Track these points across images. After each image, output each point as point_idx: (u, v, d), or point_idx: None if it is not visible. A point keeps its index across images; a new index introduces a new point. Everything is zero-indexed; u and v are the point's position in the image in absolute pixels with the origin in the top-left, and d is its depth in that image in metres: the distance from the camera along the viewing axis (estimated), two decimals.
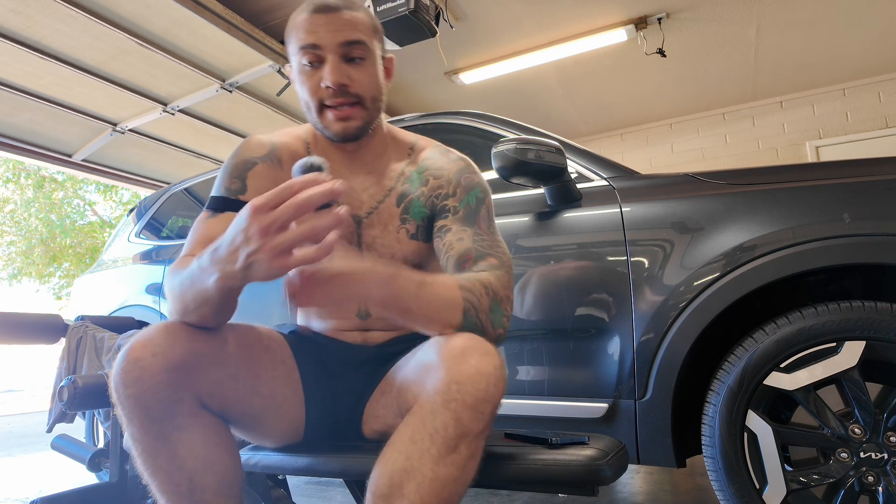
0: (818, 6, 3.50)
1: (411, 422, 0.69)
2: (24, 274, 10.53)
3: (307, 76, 0.88)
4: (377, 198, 0.96)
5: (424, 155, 1.01)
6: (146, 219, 2.77)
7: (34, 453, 3.32)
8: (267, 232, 0.58)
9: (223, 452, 0.75)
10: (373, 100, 0.90)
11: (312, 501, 2.01)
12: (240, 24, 3.19)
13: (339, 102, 0.87)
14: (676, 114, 5.15)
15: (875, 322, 1.11)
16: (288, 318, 1.87)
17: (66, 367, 1.85)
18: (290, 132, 1.01)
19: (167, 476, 0.71)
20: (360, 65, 0.88)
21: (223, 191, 0.89)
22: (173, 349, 0.70)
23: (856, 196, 1.20)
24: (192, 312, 0.72)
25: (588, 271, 1.39)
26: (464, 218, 0.92)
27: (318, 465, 0.87)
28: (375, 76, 0.90)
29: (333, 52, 0.86)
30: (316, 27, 0.85)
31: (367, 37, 0.88)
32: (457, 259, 0.87)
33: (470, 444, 0.67)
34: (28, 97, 3.58)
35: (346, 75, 0.86)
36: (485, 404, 0.66)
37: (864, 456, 1.11)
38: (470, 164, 1.00)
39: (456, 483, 0.67)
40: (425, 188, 0.96)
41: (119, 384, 0.69)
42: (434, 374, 0.69)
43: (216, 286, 0.65)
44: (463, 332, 0.74)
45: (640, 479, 2.19)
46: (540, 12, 3.46)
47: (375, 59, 0.91)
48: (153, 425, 0.70)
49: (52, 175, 10.29)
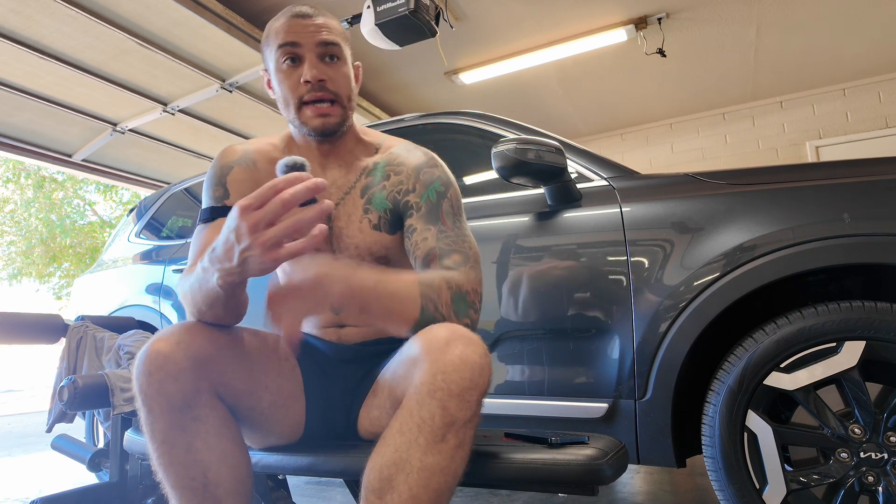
0: (818, 6, 3.50)
1: (400, 415, 0.70)
2: (24, 274, 10.54)
3: (286, 74, 0.94)
4: (343, 189, 1.00)
5: (390, 151, 1.04)
6: (146, 219, 2.77)
7: (34, 453, 3.32)
8: (256, 229, 0.63)
9: (236, 448, 0.78)
10: (347, 98, 0.97)
11: (312, 501, 2.01)
12: (240, 24, 3.19)
13: (318, 97, 0.93)
14: (676, 114, 5.15)
15: (875, 322, 1.11)
16: None
17: (66, 367, 1.85)
18: (262, 139, 1.06)
19: (183, 469, 0.73)
20: (336, 64, 0.95)
21: (211, 200, 0.95)
22: (195, 340, 0.75)
23: (856, 196, 1.20)
24: (207, 312, 0.77)
25: (588, 271, 1.39)
26: (426, 214, 0.93)
27: (318, 465, 0.87)
28: (349, 77, 0.98)
29: (311, 51, 0.92)
30: (296, 28, 0.92)
31: (341, 40, 0.96)
32: (422, 259, 0.89)
33: (457, 433, 0.68)
34: (28, 97, 3.58)
35: (324, 72, 0.93)
36: (470, 392, 0.67)
37: (864, 456, 1.11)
38: (432, 157, 1.02)
39: (444, 473, 0.67)
40: (387, 182, 0.99)
41: (143, 374, 0.73)
42: (419, 366, 0.70)
43: (219, 284, 0.70)
44: (422, 325, 0.76)
45: (640, 479, 2.19)
46: (540, 12, 3.46)
47: (348, 61, 0.98)
48: (173, 414, 0.73)
49: (52, 175, 10.29)
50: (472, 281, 0.85)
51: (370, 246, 0.97)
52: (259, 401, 0.84)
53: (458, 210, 0.96)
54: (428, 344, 0.70)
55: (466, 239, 0.91)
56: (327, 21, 0.95)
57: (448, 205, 0.94)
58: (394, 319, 0.76)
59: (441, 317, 0.78)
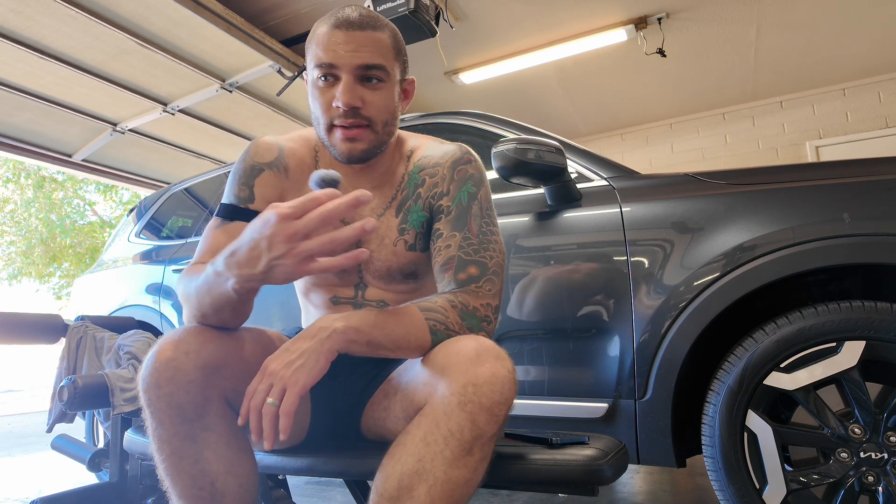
0: (818, 6, 3.50)
1: (423, 423, 0.69)
2: (24, 274, 10.53)
3: (320, 91, 0.85)
4: (377, 211, 0.95)
5: (420, 153, 0.99)
6: (146, 219, 2.77)
7: (34, 453, 3.32)
8: (293, 239, 0.62)
9: (244, 456, 0.77)
10: (384, 124, 0.88)
11: (312, 501, 2.01)
12: (240, 24, 3.19)
13: (349, 123, 0.84)
14: (676, 114, 5.15)
15: (875, 322, 1.11)
16: (290, 324, 1.87)
17: (66, 367, 1.85)
18: (299, 136, 1.00)
19: (191, 480, 0.72)
20: (376, 87, 0.85)
21: (233, 198, 0.91)
22: (204, 347, 0.73)
23: (856, 196, 1.20)
24: (212, 316, 0.75)
25: (588, 271, 1.39)
26: (455, 220, 0.90)
27: (318, 465, 0.87)
28: (391, 100, 0.88)
29: (349, 73, 0.83)
30: (335, 45, 0.82)
31: (386, 61, 0.85)
32: (441, 266, 0.88)
33: (483, 447, 0.68)
34: (28, 97, 3.58)
35: (360, 97, 0.84)
36: (500, 407, 0.67)
37: (864, 456, 1.11)
38: (466, 152, 0.96)
39: (467, 485, 0.67)
40: (422, 189, 0.95)
41: (151, 385, 0.70)
42: (448, 375, 0.69)
43: (235, 289, 0.68)
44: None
45: (640, 479, 2.19)
46: (540, 12, 3.46)
47: (394, 82, 0.88)
48: (183, 426, 0.71)
49: (52, 175, 10.29)
50: (485, 295, 0.83)
51: (402, 266, 0.94)
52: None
53: (486, 210, 0.92)
54: (457, 354, 0.70)
55: (490, 245, 0.88)
56: (375, 36, 0.83)
57: (478, 207, 0.91)
58: (406, 350, 0.75)
59: (456, 334, 0.77)
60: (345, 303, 0.96)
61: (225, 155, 4.86)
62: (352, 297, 0.96)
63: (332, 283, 0.97)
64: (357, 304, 0.96)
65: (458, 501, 0.67)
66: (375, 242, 0.94)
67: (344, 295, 0.96)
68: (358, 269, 0.95)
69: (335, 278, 0.96)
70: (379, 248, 0.93)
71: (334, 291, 0.97)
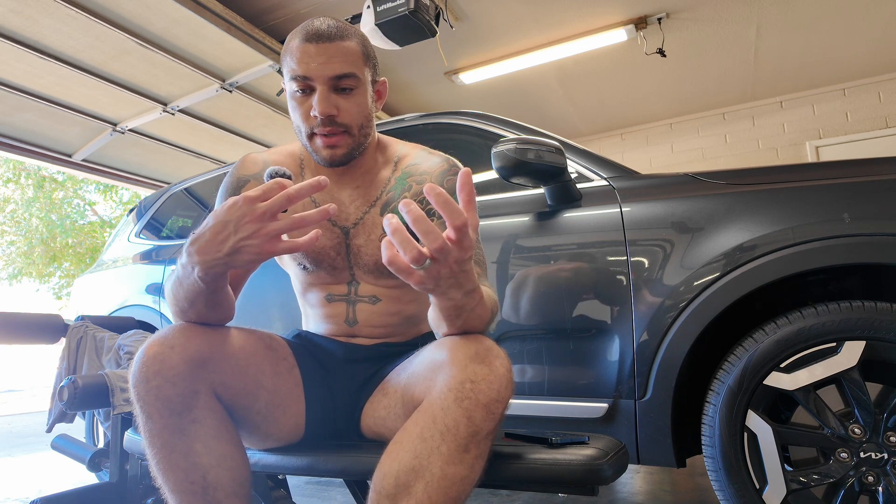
0: (818, 6, 3.50)
1: (420, 419, 0.69)
2: (24, 274, 10.53)
3: (298, 102, 0.91)
4: (363, 209, 0.99)
5: (408, 161, 1.03)
6: (146, 219, 2.77)
7: (34, 453, 3.32)
8: (262, 219, 0.65)
9: (234, 449, 0.78)
10: (360, 127, 0.93)
11: (312, 501, 2.01)
12: (240, 24, 3.19)
13: (328, 132, 0.90)
14: (676, 114, 5.15)
15: (875, 322, 1.11)
16: (290, 326, 1.87)
17: (66, 367, 1.85)
18: (284, 150, 1.05)
19: (182, 473, 0.73)
20: (350, 94, 0.90)
21: None
22: (190, 342, 0.75)
23: (856, 196, 1.20)
24: (189, 310, 0.77)
25: (588, 271, 1.39)
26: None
27: (318, 464, 0.87)
28: (364, 105, 0.93)
29: (323, 84, 0.88)
30: (308, 58, 0.87)
31: (357, 68, 0.90)
32: None
33: (480, 444, 0.68)
34: (28, 97, 3.58)
35: (335, 105, 0.89)
36: (497, 404, 0.67)
37: (864, 456, 1.11)
38: (454, 164, 1.02)
39: (464, 482, 0.67)
40: (408, 194, 0.99)
41: (140, 380, 0.72)
42: (446, 371, 0.69)
43: (199, 276, 0.70)
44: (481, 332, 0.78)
45: (640, 479, 2.19)
46: (540, 12, 3.46)
47: (366, 87, 0.93)
48: (172, 418, 0.72)
49: (52, 175, 10.29)
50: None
51: None
52: (256, 400, 0.83)
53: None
54: (455, 350, 0.71)
55: (480, 255, 0.93)
56: (343, 45, 0.88)
57: None
58: (480, 326, 0.77)
59: (486, 328, 0.81)
60: (339, 300, 0.99)
61: (225, 155, 4.86)
62: (345, 294, 0.99)
63: (326, 281, 0.99)
64: (350, 301, 0.99)
65: (455, 499, 0.67)
66: (362, 237, 0.97)
67: (337, 292, 1.00)
68: (349, 266, 0.98)
69: (329, 276, 0.99)
70: (366, 244, 0.97)
71: (328, 289, 1.00)
